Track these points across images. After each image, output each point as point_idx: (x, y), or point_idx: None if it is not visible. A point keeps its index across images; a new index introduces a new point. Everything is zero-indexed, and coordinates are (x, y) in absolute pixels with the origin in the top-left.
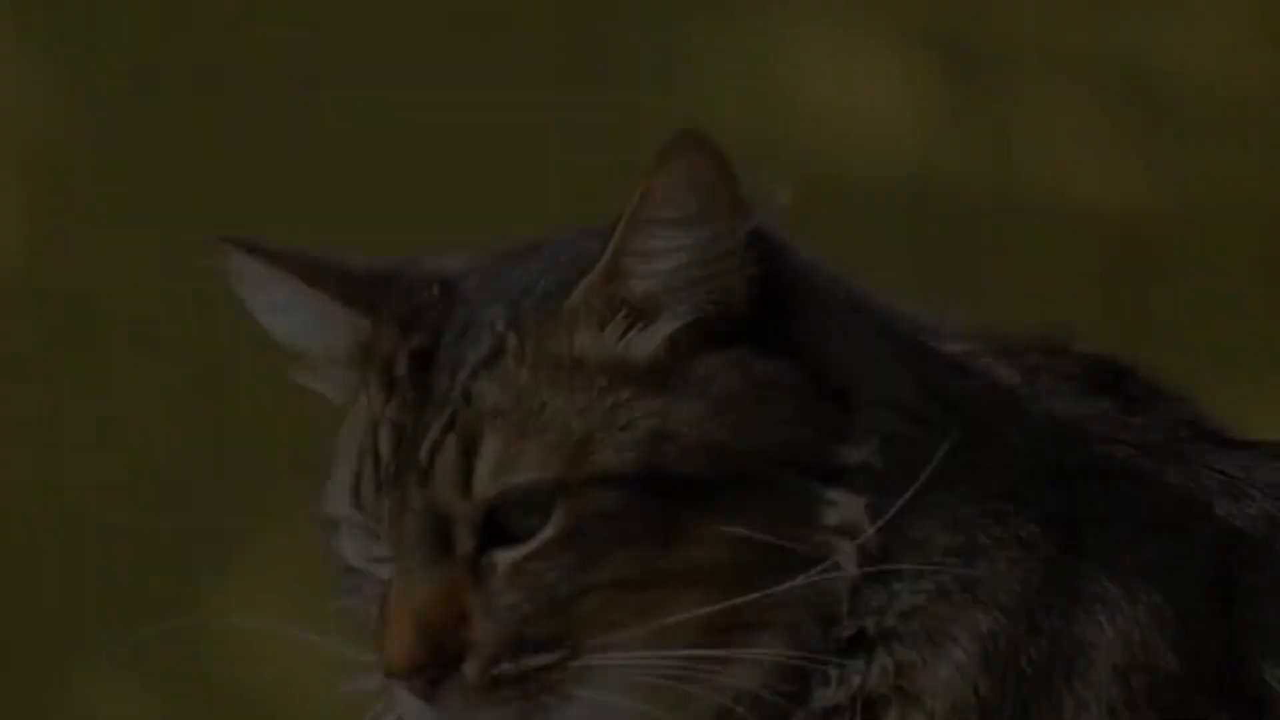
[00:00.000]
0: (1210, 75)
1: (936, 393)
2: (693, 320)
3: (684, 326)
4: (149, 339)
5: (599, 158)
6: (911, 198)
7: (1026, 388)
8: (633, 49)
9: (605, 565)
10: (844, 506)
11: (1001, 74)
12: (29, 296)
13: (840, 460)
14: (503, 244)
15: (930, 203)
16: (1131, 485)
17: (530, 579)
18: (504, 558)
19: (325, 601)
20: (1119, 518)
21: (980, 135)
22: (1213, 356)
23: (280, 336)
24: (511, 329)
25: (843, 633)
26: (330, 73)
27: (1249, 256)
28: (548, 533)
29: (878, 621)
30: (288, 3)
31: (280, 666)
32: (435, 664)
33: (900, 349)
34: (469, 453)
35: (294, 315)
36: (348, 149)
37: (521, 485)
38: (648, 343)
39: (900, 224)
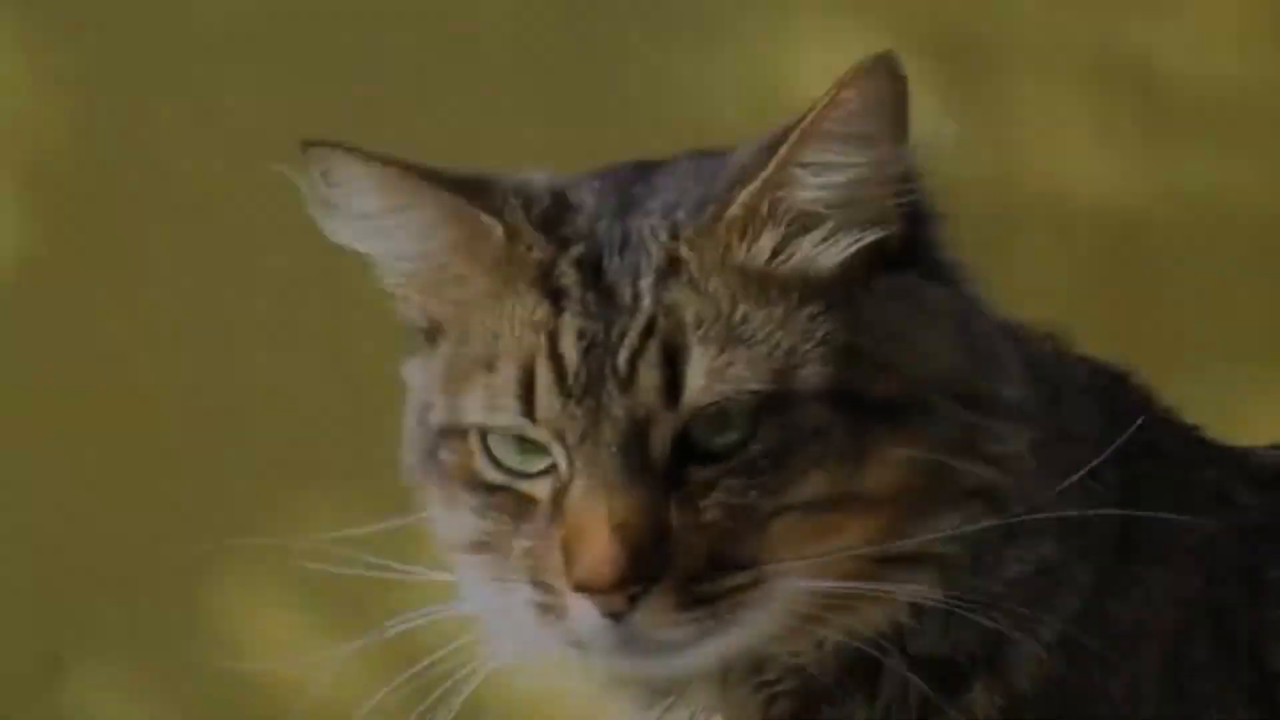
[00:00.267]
0: (1210, 75)
1: (1033, 366)
2: (862, 240)
3: (856, 245)
4: (149, 338)
5: (598, 157)
6: None
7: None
8: (631, 49)
9: (804, 485)
10: (1008, 439)
11: (1001, 74)
12: (29, 296)
13: (997, 394)
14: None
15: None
16: (1176, 470)
17: (731, 495)
18: (703, 473)
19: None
20: (1166, 501)
21: (980, 136)
22: (1212, 356)
23: (372, 246)
24: (678, 239)
25: (990, 585)
26: (328, 76)
27: (1249, 256)
28: (755, 448)
29: (986, 585)
30: (288, 6)
31: (280, 667)
32: (638, 579)
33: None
34: (674, 361)
35: (395, 220)
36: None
37: (732, 395)
38: (826, 258)
39: None
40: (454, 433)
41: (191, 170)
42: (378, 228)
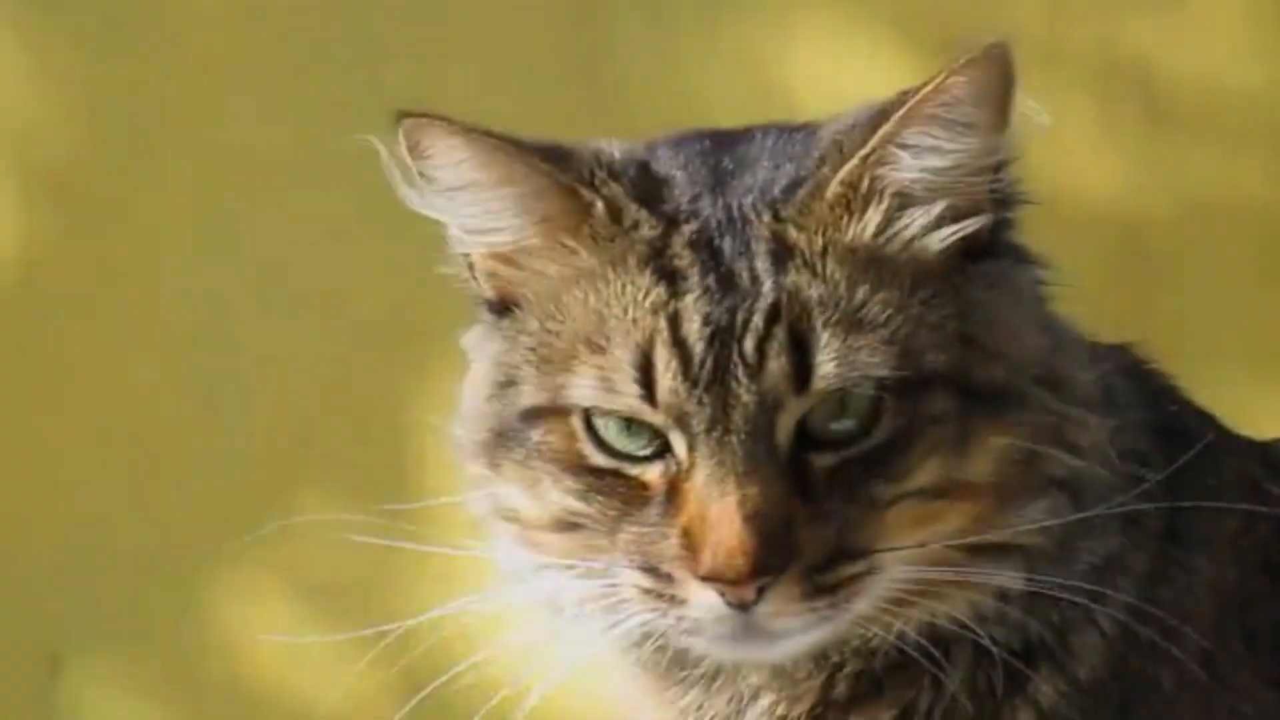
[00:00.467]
0: (1210, 75)
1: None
2: (963, 228)
3: (957, 233)
4: (149, 338)
5: None
6: None
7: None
8: (632, 42)
9: (921, 472)
10: (1091, 428)
11: None
12: (29, 296)
13: (1075, 379)
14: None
15: None
16: (1209, 459)
17: (853, 483)
18: (825, 460)
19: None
20: (1207, 491)
21: None
22: (1213, 356)
23: (457, 217)
24: (783, 220)
25: (1063, 575)
26: (327, 75)
27: (1249, 256)
28: (876, 438)
29: (1060, 576)
30: (286, 8)
31: (280, 666)
32: (768, 570)
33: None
34: (801, 346)
35: (487, 193)
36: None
37: (860, 380)
38: (930, 242)
39: None
40: (552, 413)
41: (192, 170)
42: (468, 200)
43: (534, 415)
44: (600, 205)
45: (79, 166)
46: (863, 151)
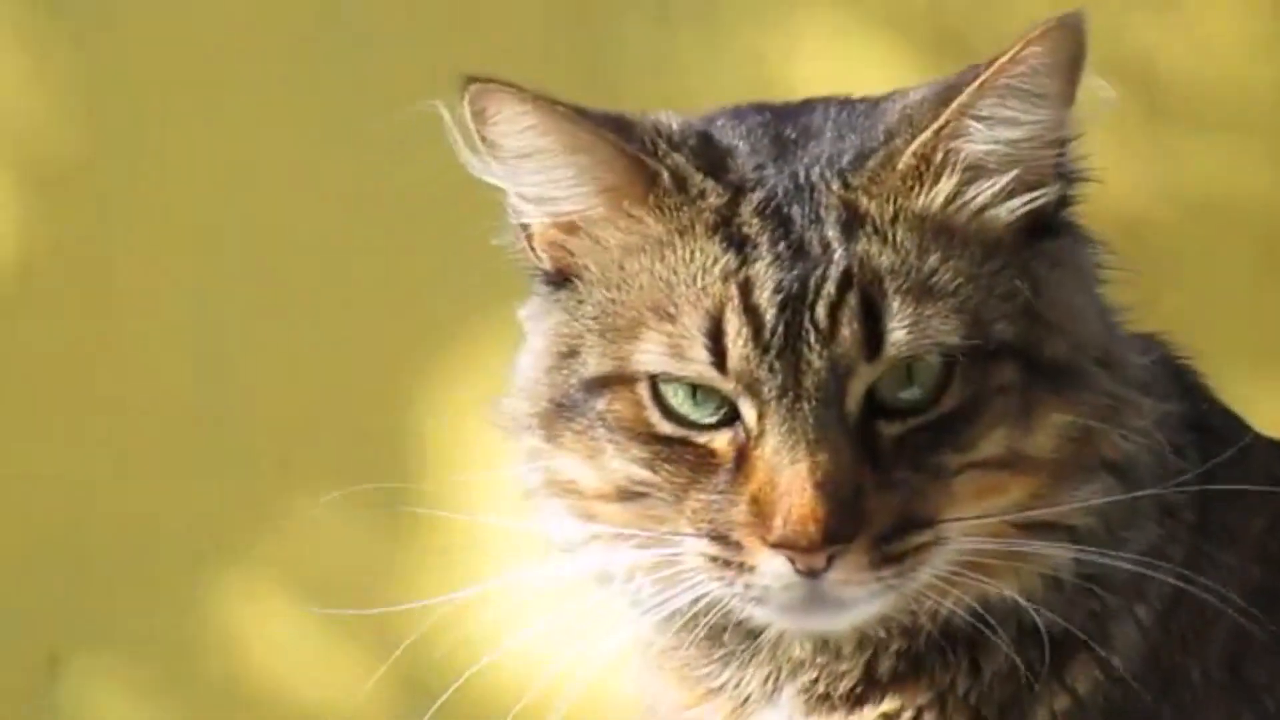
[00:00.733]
0: (1211, 73)
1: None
2: (1032, 201)
3: (1027, 205)
4: (149, 338)
5: None
6: None
7: None
8: (632, 48)
9: (987, 443)
10: (1145, 412)
11: None
12: (29, 295)
13: (1127, 361)
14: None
15: None
16: (1238, 452)
17: (920, 452)
18: (893, 428)
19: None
20: (1239, 483)
21: None
22: (1213, 355)
23: (519, 185)
24: (852, 188)
25: (1115, 562)
26: (327, 75)
27: (1249, 256)
28: (948, 403)
29: (1103, 566)
30: (286, 9)
31: (280, 666)
32: (839, 537)
33: None
34: (873, 313)
35: (552, 161)
36: (337, 148)
37: (931, 347)
38: (1000, 214)
39: None
40: (618, 382)
41: (192, 170)
42: (532, 168)
43: (599, 384)
44: (665, 175)
45: (79, 166)
46: (938, 123)
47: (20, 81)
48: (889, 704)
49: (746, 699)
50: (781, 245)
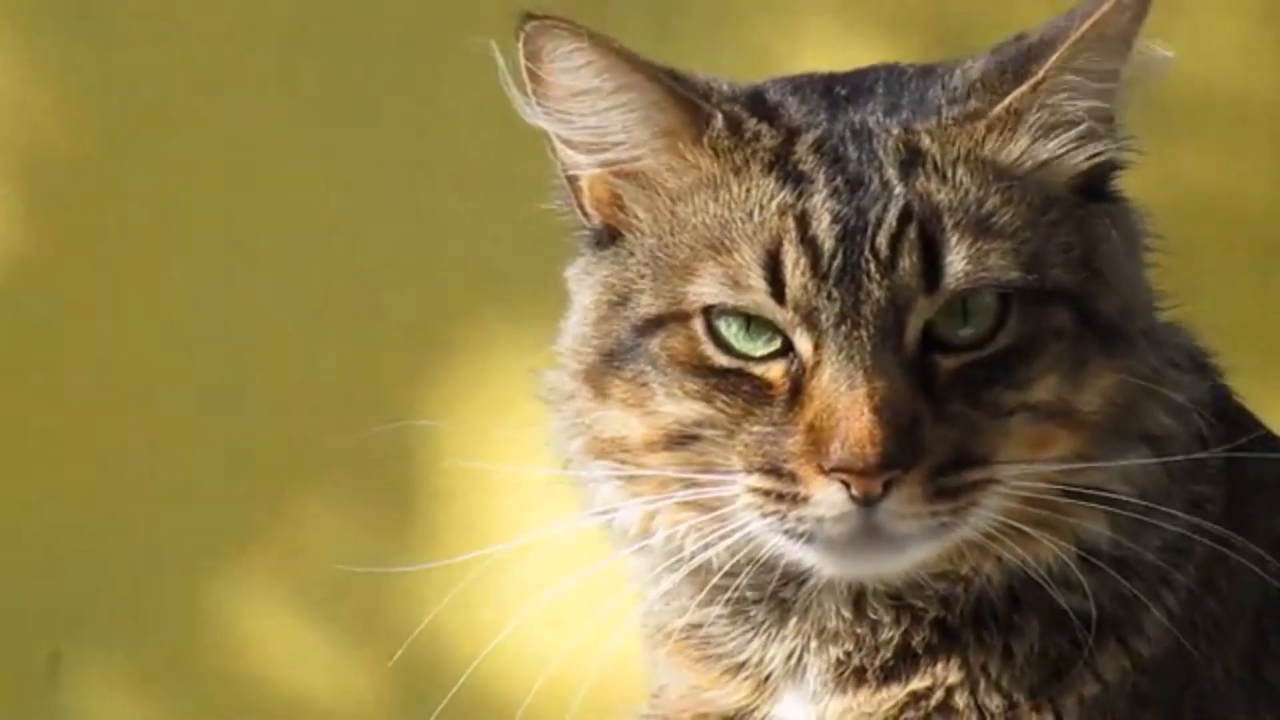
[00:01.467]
0: (1210, 74)
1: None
2: (1099, 154)
3: (1094, 158)
4: (149, 338)
5: None
6: None
7: None
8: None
9: (1042, 385)
10: (1184, 388)
11: None
12: (28, 295)
13: (1167, 342)
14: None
15: None
16: (1259, 448)
17: (977, 388)
18: (951, 361)
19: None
20: (1258, 482)
21: None
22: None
23: (573, 129)
24: (914, 133)
25: (1138, 547)
26: (328, 73)
27: (1249, 256)
28: (1003, 340)
29: (1136, 547)
30: (286, 9)
31: (280, 665)
32: (896, 463)
33: None
34: (932, 246)
35: (610, 101)
36: (337, 147)
37: (988, 283)
38: (1065, 165)
39: None
40: (672, 319)
41: (192, 169)
42: (586, 109)
43: (653, 324)
44: (720, 118)
45: (79, 166)
46: (1034, 79)
47: (20, 81)
48: (919, 682)
49: (768, 677)
50: (839, 180)
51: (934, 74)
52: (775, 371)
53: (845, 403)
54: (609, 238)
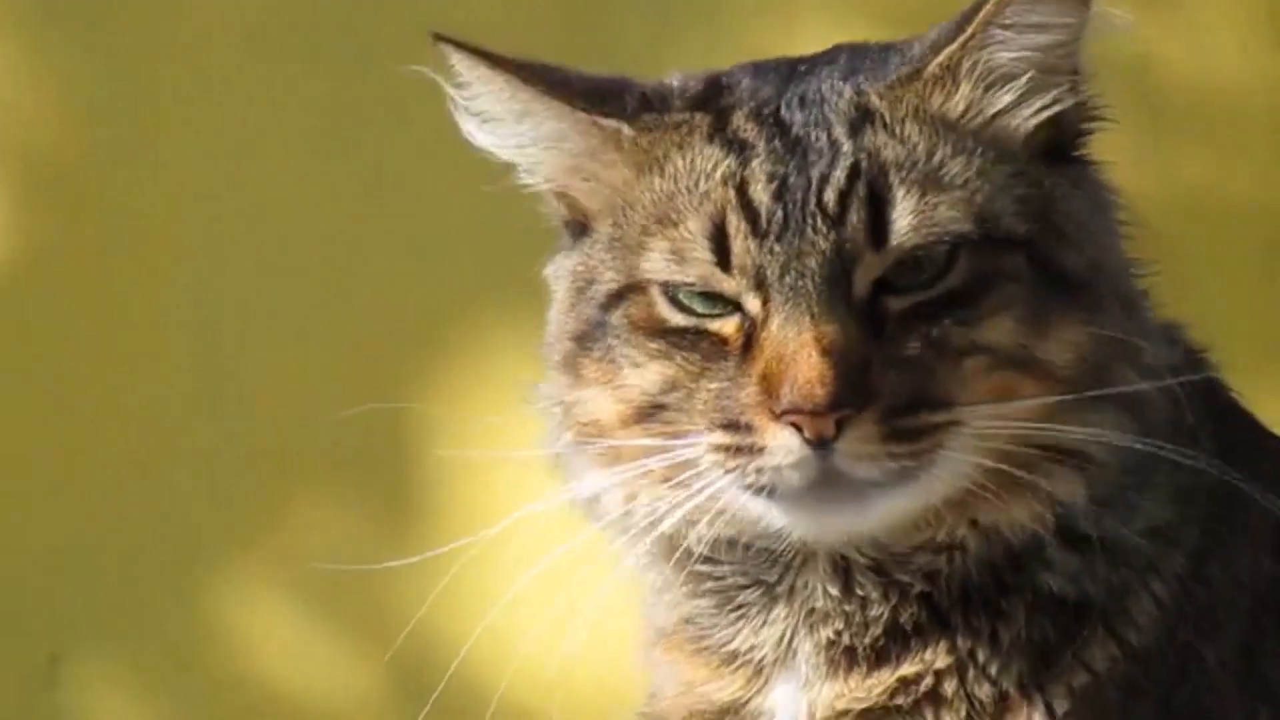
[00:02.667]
0: (1208, 74)
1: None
2: (1048, 108)
3: (1044, 112)
4: (148, 337)
5: None
6: None
7: None
8: (633, 48)
9: (992, 325)
10: (1158, 356)
11: None
12: (28, 295)
13: (1140, 304)
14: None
15: None
16: (1254, 442)
17: (925, 326)
18: (900, 302)
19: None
20: (1256, 475)
21: None
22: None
23: (510, 151)
24: (864, 94)
25: (1121, 532)
26: (328, 72)
27: (1247, 256)
28: (951, 281)
29: (1118, 531)
30: (286, 10)
31: (280, 665)
32: (847, 401)
33: None
34: (880, 202)
35: (523, 125)
36: (337, 148)
37: (938, 237)
38: (1017, 120)
39: None
40: (631, 290)
41: (192, 170)
42: (510, 131)
43: (615, 297)
44: (625, 129)
45: (79, 166)
46: (963, 36)
47: (20, 81)
48: (908, 667)
49: (761, 667)
50: (777, 142)
51: (898, 47)
52: (730, 326)
53: (793, 348)
54: (579, 232)
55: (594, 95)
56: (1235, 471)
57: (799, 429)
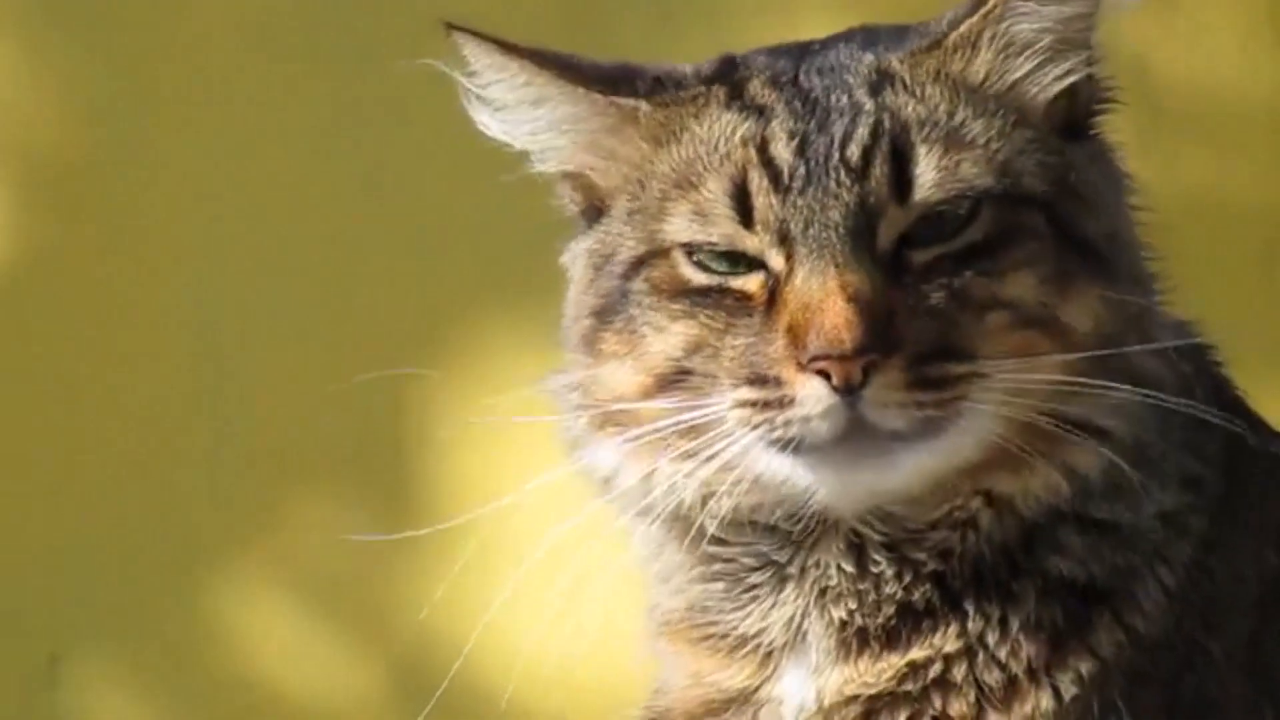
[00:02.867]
0: (1207, 74)
1: None
2: (1066, 77)
3: (1062, 81)
4: (148, 337)
5: None
6: None
7: None
8: (632, 48)
9: (1015, 281)
10: (1166, 334)
11: None
12: (28, 295)
13: (1151, 284)
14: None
15: None
16: (1258, 436)
17: (948, 278)
18: (923, 255)
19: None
20: (1260, 468)
21: None
22: None
23: (525, 139)
24: (885, 60)
25: (1130, 516)
26: (328, 71)
27: (1247, 257)
28: (973, 234)
29: (1127, 515)
30: (286, 10)
31: (280, 665)
32: (873, 347)
33: None
34: (902, 158)
35: (538, 110)
36: (337, 148)
37: (960, 192)
38: (1037, 88)
39: None
40: (652, 256)
41: (192, 170)
42: (525, 117)
43: (636, 265)
44: (644, 106)
45: (79, 166)
46: (985, 9)
47: (20, 81)
48: (918, 651)
49: (770, 653)
50: (797, 103)
51: (914, 28)
52: (754, 284)
53: (819, 296)
54: (594, 216)
55: (607, 79)
56: (1244, 464)
57: (826, 377)
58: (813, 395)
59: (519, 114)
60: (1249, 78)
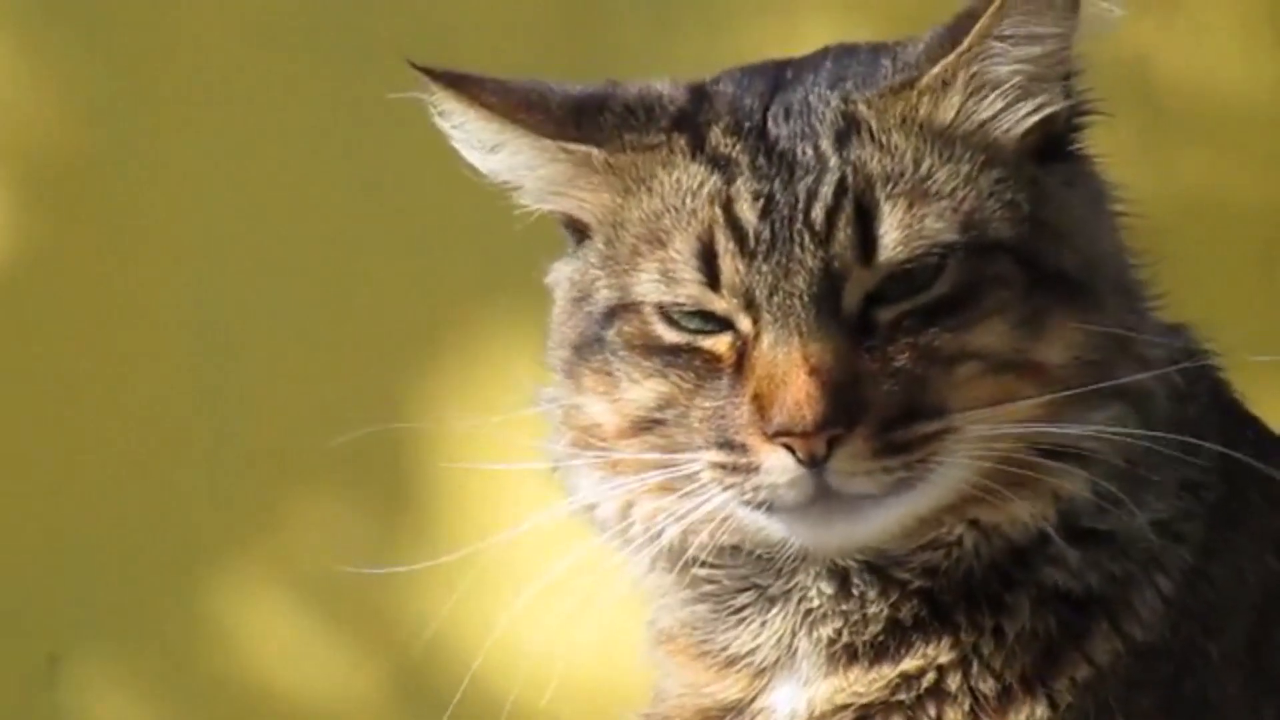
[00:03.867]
0: (1209, 75)
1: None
2: (1039, 111)
3: (1034, 116)
4: (148, 337)
5: None
6: None
7: None
8: (632, 48)
9: (985, 330)
10: (1156, 346)
11: None
12: (28, 294)
13: (1140, 295)
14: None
15: None
16: (1265, 447)
17: (915, 335)
18: (889, 313)
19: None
20: (1258, 475)
21: None
22: None
23: (501, 173)
24: (853, 103)
25: (1123, 526)
26: (329, 71)
27: (1247, 257)
28: (939, 289)
29: (1120, 526)
30: (286, 10)
31: (280, 665)
32: (837, 421)
33: None
34: (867, 217)
35: (506, 153)
36: (337, 149)
37: (926, 249)
38: (1007, 124)
39: None
40: (624, 309)
41: (192, 170)
42: (491, 156)
43: (609, 315)
44: (597, 154)
45: (79, 166)
46: (964, 45)
47: (20, 81)
48: (910, 662)
49: (763, 668)
50: (761, 158)
51: (888, 49)
52: (722, 345)
53: (783, 368)
54: (579, 237)
55: (569, 117)
56: (1242, 466)
57: (791, 450)
58: (778, 466)
59: (487, 154)
60: (1249, 78)
